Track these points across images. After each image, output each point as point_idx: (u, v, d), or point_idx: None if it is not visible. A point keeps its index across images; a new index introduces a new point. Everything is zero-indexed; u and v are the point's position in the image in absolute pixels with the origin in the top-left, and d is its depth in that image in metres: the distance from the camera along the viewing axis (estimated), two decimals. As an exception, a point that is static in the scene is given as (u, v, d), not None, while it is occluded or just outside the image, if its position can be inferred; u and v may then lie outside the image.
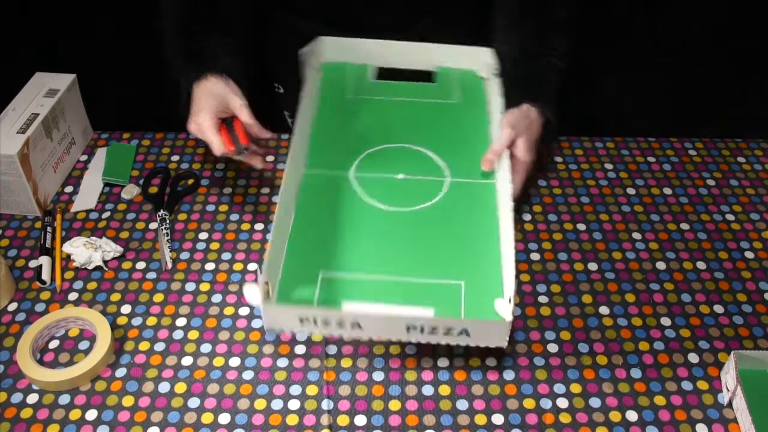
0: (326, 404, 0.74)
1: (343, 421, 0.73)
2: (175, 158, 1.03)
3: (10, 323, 0.81)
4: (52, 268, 0.87)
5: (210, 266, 0.88)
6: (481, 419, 0.73)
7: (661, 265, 0.89)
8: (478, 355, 0.79)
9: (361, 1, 0.99)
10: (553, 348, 0.80)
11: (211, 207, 0.96)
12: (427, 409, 0.74)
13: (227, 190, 0.98)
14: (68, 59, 1.13)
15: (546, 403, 0.75)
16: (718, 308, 0.84)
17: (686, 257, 0.90)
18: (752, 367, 0.76)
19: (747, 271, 0.89)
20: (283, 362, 0.78)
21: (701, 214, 0.96)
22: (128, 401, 0.74)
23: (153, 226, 0.93)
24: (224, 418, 0.73)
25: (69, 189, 0.99)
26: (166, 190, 0.97)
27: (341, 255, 0.79)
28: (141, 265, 0.88)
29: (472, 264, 0.78)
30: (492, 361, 0.78)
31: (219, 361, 0.78)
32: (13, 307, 0.83)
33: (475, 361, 0.78)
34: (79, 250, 0.86)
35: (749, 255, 0.91)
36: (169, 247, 0.90)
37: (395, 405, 0.74)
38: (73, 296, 0.84)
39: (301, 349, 0.79)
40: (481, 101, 0.98)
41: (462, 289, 0.76)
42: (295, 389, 0.76)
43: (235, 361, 0.78)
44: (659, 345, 0.80)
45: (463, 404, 0.75)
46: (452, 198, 0.85)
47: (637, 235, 0.93)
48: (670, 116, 1.43)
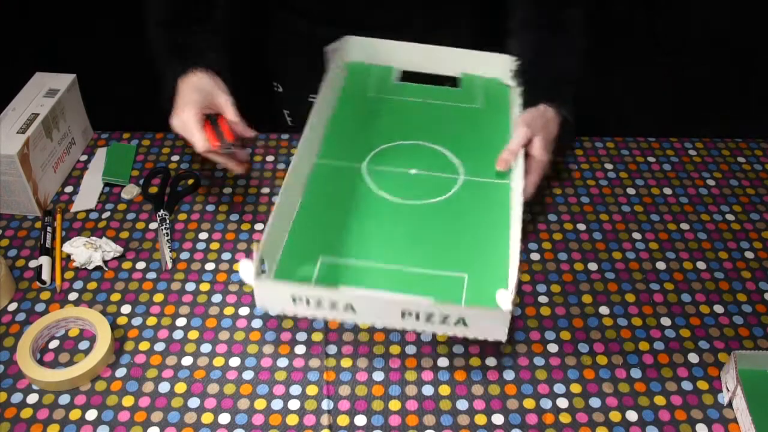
0: (326, 404, 0.74)
1: (343, 421, 0.73)
2: (175, 158, 1.03)
3: (10, 323, 0.82)
4: (52, 268, 0.87)
5: (210, 266, 0.88)
6: (481, 419, 0.73)
7: (661, 265, 0.89)
8: (478, 354, 0.79)
9: (361, 1, 0.99)
10: (553, 348, 0.80)
11: (211, 207, 0.96)
12: (427, 409, 0.74)
13: (227, 190, 0.98)
14: (68, 59, 1.13)
15: (546, 403, 0.75)
16: (718, 308, 0.85)
17: (686, 257, 0.90)
18: (752, 367, 0.76)
19: (747, 271, 0.89)
20: (283, 362, 0.78)
21: (701, 214, 0.96)
22: (128, 401, 0.74)
23: (153, 226, 0.93)
24: (224, 418, 0.73)
25: (69, 189, 0.99)
26: (166, 190, 0.97)
27: (344, 241, 0.78)
28: (141, 265, 0.88)
29: (477, 259, 0.77)
30: (492, 361, 0.78)
31: (219, 361, 0.78)
32: (13, 307, 0.83)
33: (475, 361, 0.78)
34: (79, 250, 0.86)
35: (749, 255, 0.91)
36: (169, 247, 0.90)
37: (395, 405, 0.74)
38: (73, 296, 0.84)
39: (301, 349, 0.79)
40: (505, 108, 0.96)
41: (464, 282, 0.74)
42: (295, 389, 0.76)
43: (235, 361, 0.78)
44: (659, 345, 0.80)
45: (463, 404, 0.75)
46: (464, 195, 0.84)
47: (637, 235, 0.93)
48: (670, 116, 1.43)
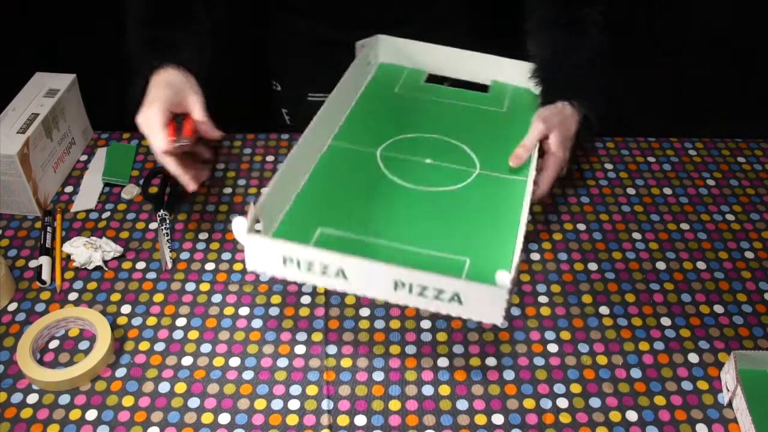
0: (326, 404, 0.74)
1: (343, 421, 0.73)
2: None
3: (10, 323, 0.82)
4: (52, 268, 0.87)
5: (210, 266, 0.88)
6: (481, 419, 0.73)
7: (661, 265, 0.89)
8: (478, 354, 0.79)
9: (361, 1, 0.99)
10: (553, 348, 0.80)
11: (211, 207, 0.96)
12: (427, 409, 0.74)
13: (227, 190, 0.98)
14: (68, 59, 1.12)
15: (546, 403, 0.75)
16: (718, 308, 0.84)
17: (686, 257, 0.90)
18: (752, 367, 0.76)
19: (747, 271, 0.89)
20: (283, 362, 0.78)
21: (701, 214, 0.96)
22: (128, 401, 0.74)
23: (153, 226, 0.93)
24: (224, 418, 0.73)
25: (69, 189, 0.99)
26: (166, 190, 0.97)
27: (346, 216, 0.78)
28: (141, 265, 0.88)
29: (481, 245, 0.76)
30: (492, 361, 0.78)
31: (219, 361, 0.78)
32: (13, 307, 0.83)
33: (475, 361, 0.78)
34: (79, 250, 0.86)
35: (749, 255, 0.91)
36: (169, 247, 0.90)
37: (395, 405, 0.74)
38: (73, 296, 0.84)
39: (301, 349, 0.79)
40: (530, 113, 0.94)
41: (466, 265, 0.73)
42: (295, 389, 0.76)
43: (235, 361, 0.78)
44: (659, 345, 0.80)
45: (463, 404, 0.75)
46: (477, 187, 0.83)
47: (637, 235, 0.93)
48: (670, 116, 1.43)
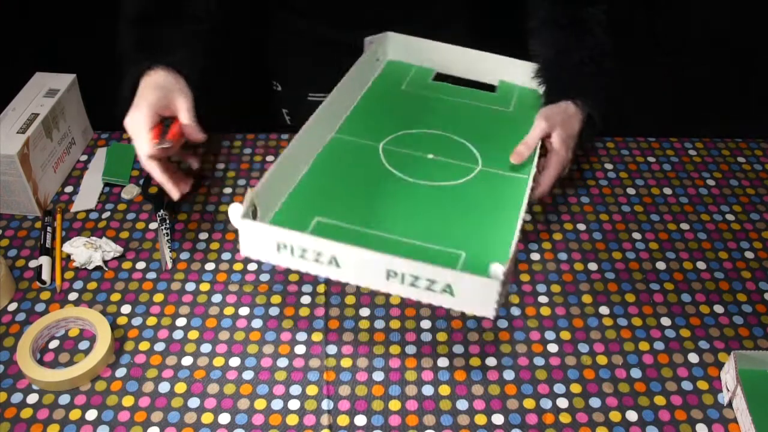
0: (326, 404, 0.74)
1: (343, 421, 0.73)
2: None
3: (10, 323, 0.81)
4: (52, 268, 0.87)
5: (210, 266, 0.88)
6: (481, 419, 0.73)
7: (661, 265, 0.89)
8: (478, 354, 0.79)
9: (361, 1, 0.99)
10: (553, 348, 0.80)
11: (211, 207, 0.96)
12: (427, 409, 0.74)
13: (227, 190, 0.98)
14: (68, 59, 1.12)
15: (546, 403, 0.75)
16: (718, 308, 0.84)
17: (686, 257, 0.90)
18: (752, 367, 0.76)
19: (747, 271, 0.89)
20: (283, 362, 0.78)
21: (701, 214, 0.96)
22: (128, 401, 0.74)
23: (153, 226, 0.93)
24: (224, 418, 0.73)
25: (69, 189, 0.99)
26: (166, 190, 0.97)
27: (343, 206, 0.78)
28: (141, 265, 0.88)
29: (477, 240, 0.76)
30: (492, 361, 0.78)
31: (219, 361, 0.78)
32: (13, 307, 0.83)
33: (475, 361, 0.78)
34: (79, 250, 0.86)
35: (749, 255, 0.91)
36: (169, 247, 0.90)
37: (395, 405, 0.74)
38: (73, 296, 0.84)
39: (301, 349, 0.79)
40: (535, 113, 0.94)
41: (461, 259, 0.73)
42: (295, 389, 0.76)
43: (235, 361, 0.78)
44: (659, 345, 0.80)
45: (463, 404, 0.75)
46: (478, 184, 0.83)
47: (637, 235, 0.93)
48: (670, 116, 1.43)
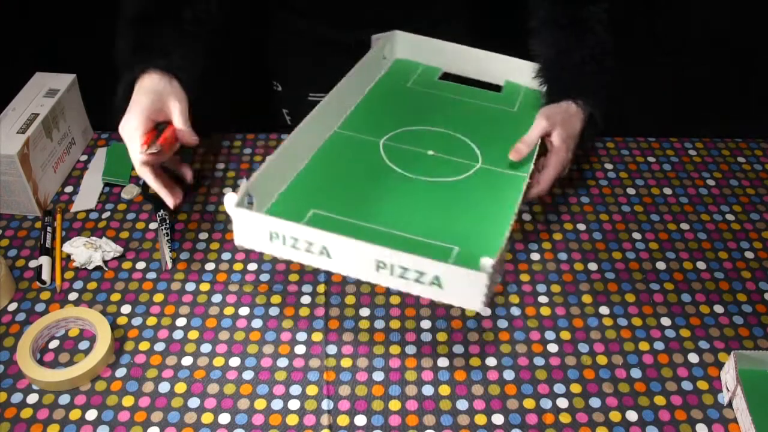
0: (326, 404, 0.74)
1: (343, 421, 0.73)
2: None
3: (10, 323, 0.82)
4: (52, 268, 0.87)
5: (210, 266, 0.88)
6: (481, 419, 0.73)
7: (661, 265, 0.89)
8: (478, 354, 0.79)
9: (361, 0, 0.99)
10: (553, 348, 0.80)
11: (211, 207, 0.96)
12: (427, 409, 0.74)
13: (227, 190, 0.98)
14: (68, 59, 1.12)
15: (546, 403, 0.75)
16: (718, 308, 0.84)
17: (686, 257, 0.90)
18: (752, 367, 0.76)
19: (747, 271, 0.89)
20: (283, 362, 0.78)
21: (701, 214, 0.96)
22: (128, 401, 0.74)
23: (153, 226, 0.93)
24: (224, 418, 0.73)
25: (69, 189, 0.99)
26: (166, 190, 0.97)
27: (339, 200, 0.78)
28: (141, 265, 0.88)
29: (472, 235, 0.75)
30: (492, 361, 0.78)
31: (219, 361, 0.78)
32: (13, 307, 0.83)
33: (475, 361, 0.78)
34: (79, 250, 0.86)
35: (749, 255, 0.91)
36: (169, 247, 0.89)
37: (395, 405, 0.74)
38: (73, 296, 0.84)
39: (301, 349, 0.79)
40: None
41: (453, 252, 0.73)
42: (295, 389, 0.76)
43: (235, 361, 0.78)
44: (659, 345, 0.80)
45: (463, 404, 0.75)
46: (476, 180, 0.83)
47: (637, 235, 0.93)
48: (670, 116, 1.43)
